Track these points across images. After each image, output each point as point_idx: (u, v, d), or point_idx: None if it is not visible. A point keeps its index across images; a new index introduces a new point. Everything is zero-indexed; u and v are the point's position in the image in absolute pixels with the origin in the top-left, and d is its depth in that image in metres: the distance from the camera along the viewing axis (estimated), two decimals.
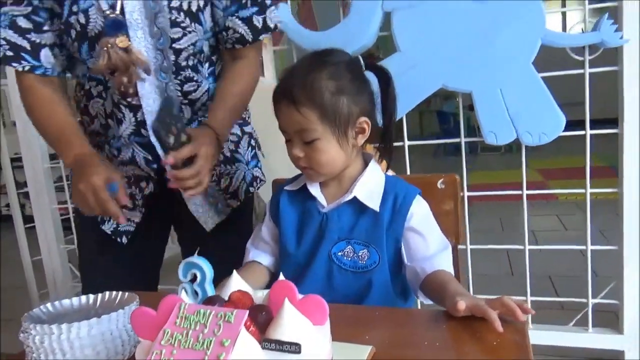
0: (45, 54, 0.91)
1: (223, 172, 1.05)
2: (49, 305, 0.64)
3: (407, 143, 1.52)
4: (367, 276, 0.80)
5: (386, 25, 1.41)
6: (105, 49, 0.86)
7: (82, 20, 0.87)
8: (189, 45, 0.93)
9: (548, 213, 3.14)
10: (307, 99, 0.77)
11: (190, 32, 0.92)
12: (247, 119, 1.11)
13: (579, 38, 1.29)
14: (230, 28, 0.96)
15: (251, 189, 1.09)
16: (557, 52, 1.29)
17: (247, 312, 0.45)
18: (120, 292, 0.67)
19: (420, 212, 0.82)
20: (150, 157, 0.97)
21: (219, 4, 0.94)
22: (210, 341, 0.44)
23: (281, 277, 0.54)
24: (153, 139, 0.89)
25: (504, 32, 1.30)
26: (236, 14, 0.95)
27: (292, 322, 0.47)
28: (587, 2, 1.30)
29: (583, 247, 1.44)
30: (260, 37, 0.98)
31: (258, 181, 1.11)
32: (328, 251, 0.81)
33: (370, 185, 0.82)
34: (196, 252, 0.55)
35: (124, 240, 1.02)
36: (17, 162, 2.28)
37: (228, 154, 1.05)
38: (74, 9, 0.87)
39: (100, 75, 0.91)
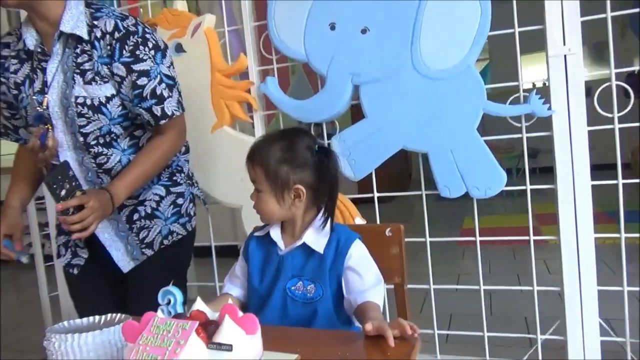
0: (22, 131, 1.33)
1: (142, 226, 1.28)
2: (65, 322, 0.86)
3: (376, 195, 1.75)
4: (314, 306, 1.01)
5: (356, 96, 1.67)
6: (33, 135, 1.18)
7: (24, 113, 1.23)
8: (94, 130, 1.20)
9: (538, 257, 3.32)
10: (259, 160, 1.03)
11: (93, 120, 1.19)
12: (178, 181, 1.34)
13: (513, 109, 1.52)
14: (137, 114, 1.22)
15: (165, 241, 1.31)
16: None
17: (197, 323, 0.67)
18: (119, 315, 0.89)
19: (357, 254, 1.03)
20: None
21: (125, 97, 1.21)
22: (172, 341, 0.66)
23: (227, 299, 0.76)
24: (45, 191, 1.20)
25: (452, 104, 1.54)
26: (139, 105, 1.20)
27: (228, 330, 0.68)
28: (521, 80, 1.55)
29: (530, 288, 1.63)
30: (161, 122, 1.22)
31: (175, 235, 1.32)
32: (283, 286, 1.03)
33: (320, 233, 1.04)
34: (171, 283, 0.78)
35: (75, 271, 1.30)
36: (40, 204, 2.55)
37: (149, 211, 1.29)
38: (21, 105, 1.22)
39: (30, 149, 1.22)
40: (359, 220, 1.66)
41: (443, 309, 1.82)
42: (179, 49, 1.82)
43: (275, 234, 1.07)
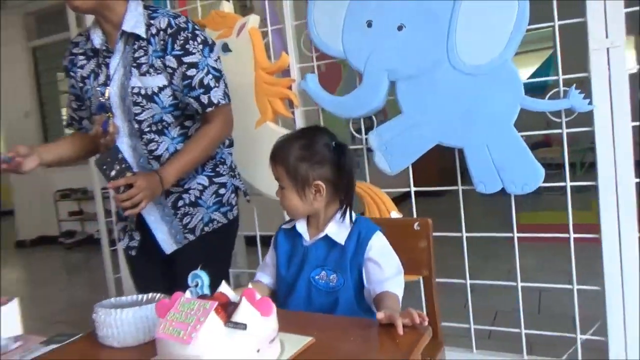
0: (86, 122, 1.47)
1: (186, 212, 1.39)
2: (112, 299, 0.98)
3: (412, 189, 1.78)
4: (336, 295, 1.07)
5: (392, 92, 1.70)
6: (95, 122, 1.33)
7: (89, 104, 1.37)
8: (148, 117, 1.32)
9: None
10: (280, 159, 1.09)
11: (147, 109, 1.31)
12: (221, 172, 1.44)
13: (552, 104, 1.50)
14: (187, 104, 1.33)
15: (206, 228, 1.41)
16: None
17: (217, 303, 0.75)
18: (158, 294, 0.99)
19: (377, 245, 1.08)
20: None
21: (176, 88, 1.32)
22: (193, 318, 0.74)
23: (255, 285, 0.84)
24: (96, 171, 1.31)
25: (487, 100, 1.54)
26: (188, 94, 1.31)
27: (244, 311, 0.76)
28: (560, 73, 1.51)
29: (569, 287, 1.60)
30: (207, 110, 1.32)
31: (215, 223, 1.42)
32: (308, 276, 1.10)
33: (341, 226, 1.10)
34: (199, 267, 0.87)
35: (133, 253, 1.42)
36: (105, 192, 2.77)
37: (193, 199, 1.39)
38: (86, 96, 1.37)
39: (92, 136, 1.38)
40: (395, 214, 1.70)
41: (489, 305, 1.80)
42: (226, 48, 1.93)
43: (301, 226, 1.14)
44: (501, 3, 1.49)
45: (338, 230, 1.10)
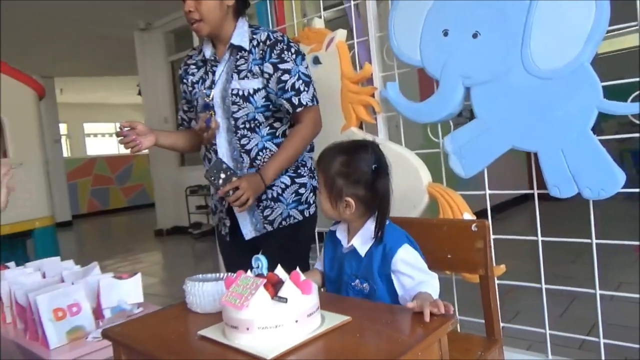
0: (193, 123, 1.73)
1: (267, 206, 1.59)
2: (200, 275, 1.22)
3: (487, 192, 1.81)
4: (370, 298, 1.18)
5: (467, 97, 1.75)
6: (200, 119, 1.58)
7: (195, 104, 1.64)
8: (243, 115, 1.54)
9: None
10: (322, 168, 1.23)
11: (243, 107, 1.54)
12: (302, 173, 1.62)
13: (631, 107, 1.44)
14: (280, 105, 1.54)
15: (284, 222, 1.59)
16: None
17: (265, 280, 0.94)
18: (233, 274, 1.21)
19: (403, 258, 1.15)
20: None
21: (271, 91, 1.54)
22: (247, 291, 0.93)
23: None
24: (207, 181, 1.53)
25: (562, 104, 1.52)
26: (281, 96, 1.53)
27: (287, 288, 0.93)
28: None
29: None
30: (297, 110, 1.54)
31: (292, 219, 1.61)
32: (347, 282, 1.23)
33: (364, 238, 1.20)
34: (260, 251, 1.06)
35: (227, 237, 1.67)
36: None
37: (275, 195, 1.59)
38: (194, 98, 1.64)
39: (197, 131, 1.62)
40: (467, 216, 1.75)
41: (589, 315, 1.71)
42: (316, 61, 2.13)
43: (340, 233, 1.26)
44: (578, 3, 1.47)
45: (362, 242, 1.20)
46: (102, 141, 13.48)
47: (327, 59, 2.09)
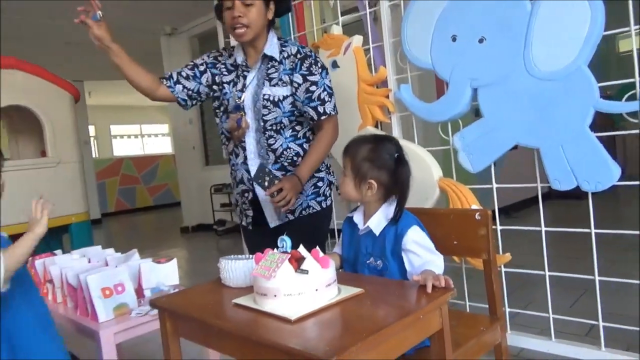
0: (179, 89, 1.80)
1: None
2: (232, 256, 1.39)
3: (494, 186, 1.94)
4: (382, 275, 1.33)
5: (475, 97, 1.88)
6: (231, 119, 1.73)
7: (226, 103, 1.77)
8: (271, 118, 1.70)
9: None
10: (350, 153, 1.38)
11: (272, 111, 1.70)
12: (320, 168, 1.78)
13: (626, 106, 1.56)
14: (304, 112, 1.70)
15: (304, 212, 1.77)
16: None
17: (290, 256, 1.10)
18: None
19: (413, 238, 1.30)
20: (249, 177, 1.76)
21: (298, 99, 1.70)
22: (274, 265, 1.10)
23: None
24: (255, 184, 1.71)
25: (561, 103, 1.65)
26: (308, 105, 1.70)
27: (308, 263, 1.09)
28: (637, 75, 1.56)
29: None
30: (322, 118, 1.71)
31: (311, 209, 1.78)
32: (362, 260, 1.38)
33: (379, 219, 1.35)
34: (285, 233, 1.22)
35: (250, 227, 1.83)
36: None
37: None
38: (224, 97, 1.77)
39: (227, 129, 1.76)
40: (475, 207, 1.88)
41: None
42: (335, 65, 2.29)
43: (357, 217, 1.42)
44: (574, 10, 1.60)
45: (378, 223, 1.35)
46: (127, 142, 13.89)
47: (344, 63, 2.25)
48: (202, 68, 1.83)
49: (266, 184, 1.63)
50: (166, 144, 13.96)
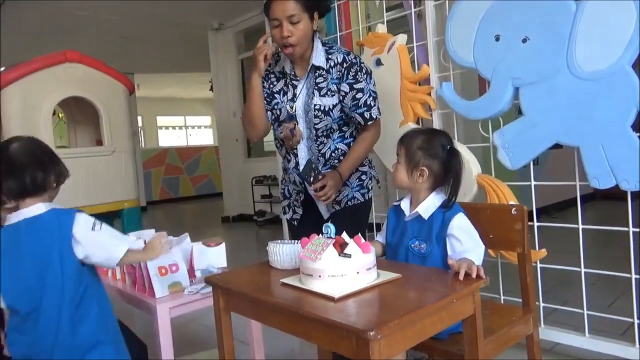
0: (269, 115, 1.88)
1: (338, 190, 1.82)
2: (279, 241, 1.50)
3: (533, 183, 1.97)
4: (425, 259, 1.41)
5: (516, 96, 1.92)
6: (285, 128, 1.80)
7: (278, 112, 1.83)
8: (322, 127, 1.78)
9: None
10: (406, 142, 1.47)
11: (323, 120, 1.77)
12: (363, 163, 1.86)
13: None
14: (352, 117, 1.77)
15: (349, 202, 1.85)
16: None
17: (334, 240, 1.20)
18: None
19: (458, 224, 1.38)
20: (300, 180, 1.85)
21: (345, 105, 1.76)
22: (320, 248, 1.20)
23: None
24: (299, 178, 1.82)
25: (605, 103, 1.67)
26: (355, 111, 1.76)
27: (351, 247, 1.19)
28: None
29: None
30: (369, 123, 1.77)
31: (355, 200, 1.85)
32: (407, 243, 1.46)
33: (428, 205, 1.43)
34: (329, 221, 1.32)
35: (295, 223, 1.93)
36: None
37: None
38: (275, 106, 1.84)
39: (281, 138, 1.84)
40: (513, 203, 1.92)
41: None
42: (379, 63, 2.36)
43: (404, 204, 1.51)
44: (620, 10, 1.62)
45: (427, 209, 1.43)
46: (172, 133, 14.37)
47: (388, 60, 2.32)
48: (263, 86, 1.87)
49: (311, 179, 1.72)
50: (209, 135, 14.36)
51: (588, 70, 1.70)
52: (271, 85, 1.87)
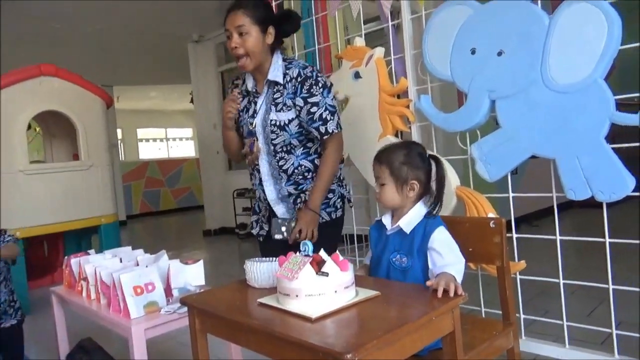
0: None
1: (301, 208, 1.79)
2: (257, 258, 1.47)
3: (511, 195, 1.98)
4: (406, 272, 1.40)
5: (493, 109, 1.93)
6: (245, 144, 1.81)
7: (242, 129, 1.85)
8: (280, 142, 1.76)
9: None
10: (386, 162, 1.45)
11: (279, 135, 1.76)
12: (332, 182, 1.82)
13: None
14: (309, 131, 1.75)
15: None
16: None
17: (312, 259, 1.18)
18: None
19: (439, 238, 1.37)
20: (265, 196, 1.84)
21: (302, 119, 1.74)
22: (297, 267, 1.17)
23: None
24: (264, 194, 1.84)
25: (579, 115, 1.69)
26: (311, 125, 1.74)
27: (329, 266, 1.17)
28: None
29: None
30: (325, 137, 1.74)
31: (321, 219, 1.78)
32: (388, 257, 1.45)
33: (410, 219, 1.42)
34: (307, 239, 1.30)
35: (261, 239, 1.91)
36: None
37: (307, 199, 1.79)
38: (240, 123, 1.85)
39: (243, 154, 1.84)
40: (492, 215, 1.93)
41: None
42: (357, 75, 2.36)
43: (385, 219, 1.49)
44: (591, 26, 1.64)
45: (409, 222, 1.42)
46: (153, 145, 14.21)
47: (366, 74, 2.32)
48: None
49: (284, 234, 1.72)
50: (191, 147, 14.24)
51: (562, 83, 1.73)
52: (240, 104, 1.87)
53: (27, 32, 5.62)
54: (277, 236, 1.74)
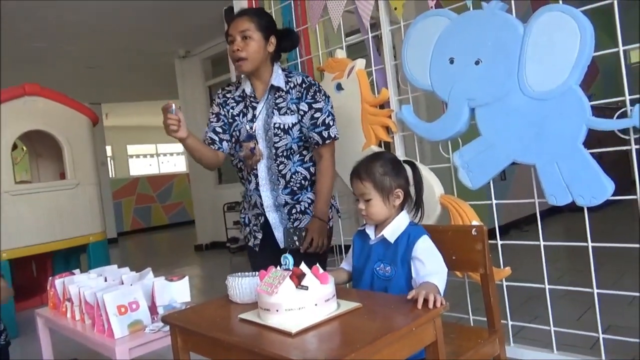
0: (225, 146, 1.90)
1: (296, 218, 1.86)
2: (239, 273, 1.47)
3: (494, 202, 1.99)
4: (389, 281, 1.40)
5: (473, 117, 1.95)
6: (244, 147, 1.81)
7: (237, 134, 1.85)
8: (282, 146, 1.80)
9: None
10: (367, 176, 1.45)
11: (282, 138, 1.80)
12: None
13: (617, 123, 1.61)
14: (310, 137, 1.80)
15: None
16: None
17: (291, 272, 1.17)
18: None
19: (422, 247, 1.38)
20: (261, 202, 1.85)
21: (304, 125, 1.81)
22: (277, 281, 1.17)
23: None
24: (260, 199, 1.85)
25: (555, 122, 1.71)
26: (313, 130, 1.80)
27: (309, 279, 1.16)
28: (627, 93, 1.62)
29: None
30: (326, 142, 1.81)
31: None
32: (372, 267, 1.45)
33: (394, 228, 1.43)
34: (288, 251, 1.30)
35: (257, 248, 1.92)
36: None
37: (302, 209, 1.86)
38: (236, 129, 1.85)
39: (241, 158, 1.85)
40: (475, 223, 1.93)
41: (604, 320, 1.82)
42: (339, 87, 2.38)
43: (369, 229, 1.50)
44: (564, 34, 1.67)
45: (393, 232, 1.43)
46: (144, 162, 14.16)
47: (348, 85, 2.34)
48: (222, 113, 1.92)
49: (297, 242, 1.76)
50: (182, 162, 14.20)
51: (539, 90, 1.75)
52: (231, 110, 1.91)
53: (7, 53, 5.60)
54: (291, 246, 1.77)
